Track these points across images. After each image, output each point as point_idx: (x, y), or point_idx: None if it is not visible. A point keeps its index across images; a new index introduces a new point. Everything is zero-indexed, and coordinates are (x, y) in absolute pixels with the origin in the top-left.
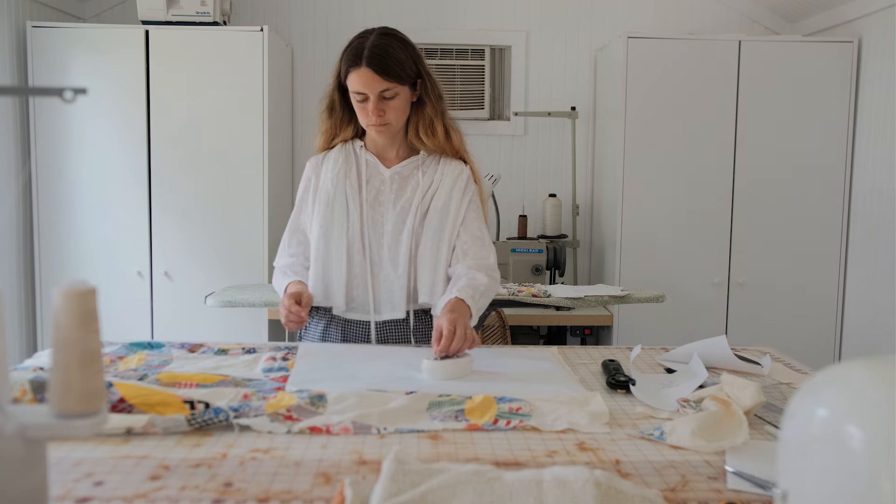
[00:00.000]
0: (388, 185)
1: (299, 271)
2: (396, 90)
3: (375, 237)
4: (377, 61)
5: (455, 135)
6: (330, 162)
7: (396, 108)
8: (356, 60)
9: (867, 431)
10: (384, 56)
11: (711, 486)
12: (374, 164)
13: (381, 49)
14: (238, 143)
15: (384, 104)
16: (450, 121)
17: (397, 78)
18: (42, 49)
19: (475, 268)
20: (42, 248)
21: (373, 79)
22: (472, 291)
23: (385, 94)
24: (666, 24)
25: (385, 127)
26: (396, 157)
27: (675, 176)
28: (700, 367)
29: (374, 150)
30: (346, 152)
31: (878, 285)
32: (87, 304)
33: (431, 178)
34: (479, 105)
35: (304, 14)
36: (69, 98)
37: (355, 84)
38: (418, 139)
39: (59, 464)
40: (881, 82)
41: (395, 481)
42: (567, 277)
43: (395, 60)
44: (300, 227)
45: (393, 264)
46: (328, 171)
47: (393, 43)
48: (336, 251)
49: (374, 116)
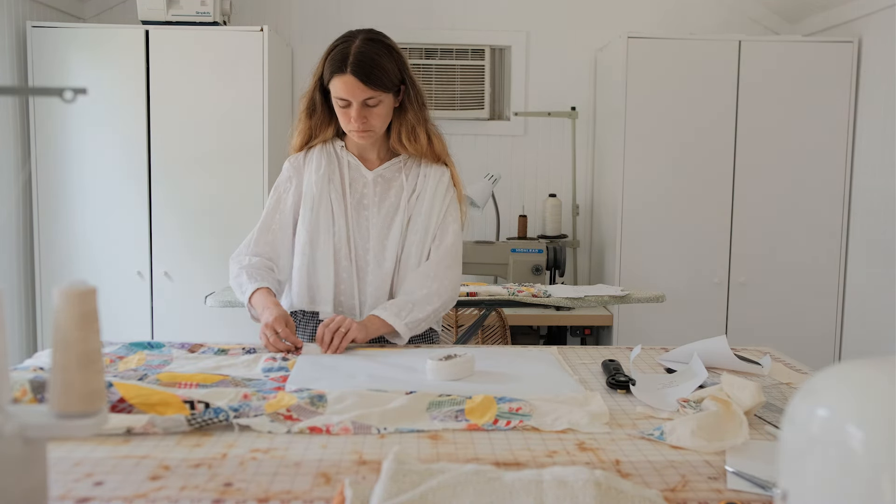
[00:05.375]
0: (372, 188)
1: (264, 275)
2: (380, 98)
3: (361, 241)
4: (362, 69)
5: (437, 140)
6: (312, 164)
7: (379, 115)
8: (340, 66)
9: (867, 431)
10: (370, 64)
11: (711, 486)
12: (356, 167)
13: (367, 56)
14: (238, 143)
15: (367, 111)
16: (432, 126)
17: (382, 86)
18: (42, 49)
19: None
20: (42, 248)
21: (357, 87)
22: (396, 309)
23: (369, 101)
24: (666, 24)
25: (368, 133)
26: (378, 158)
27: (675, 176)
28: (700, 367)
29: (355, 151)
30: (327, 154)
31: (878, 285)
32: (87, 304)
33: (415, 182)
34: (479, 105)
35: (304, 14)
36: (69, 98)
37: (339, 90)
38: (401, 144)
39: (59, 464)
40: (881, 82)
41: (396, 481)
42: (567, 277)
43: (380, 69)
44: (272, 227)
45: (379, 269)
46: (311, 173)
47: (379, 50)
48: (323, 257)
49: (357, 123)
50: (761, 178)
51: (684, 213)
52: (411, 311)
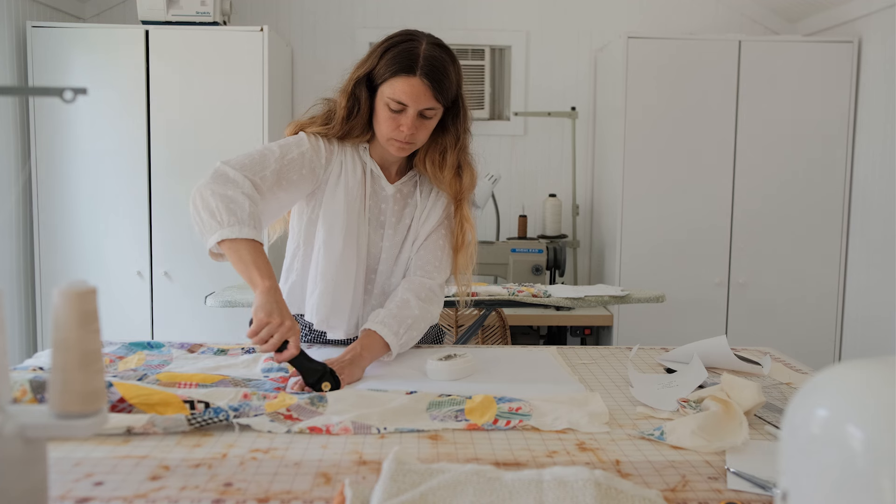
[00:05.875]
0: (391, 204)
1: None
2: (437, 111)
3: (371, 263)
4: (434, 75)
5: (468, 174)
6: (338, 166)
7: (428, 129)
8: (409, 67)
9: (867, 431)
10: (441, 71)
11: (711, 486)
12: (377, 178)
13: (438, 62)
14: (238, 142)
15: (419, 122)
16: (469, 157)
17: (445, 98)
18: (42, 49)
19: (415, 291)
20: (42, 248)
21: (424, 93)
22: (397, 326)
23: (426, 112)
24: (666, 24)
25: (409, 146)
26: (398, 172)
27: (675, 176)
28: (700, 367)
29: (378, 158)
30: (352, 160)
31: (878, 285)
32: (87, 304)
33: (426, 202)
34: (479, 105)
35: (304, 14)
36: (69, 98)
37: (400, 93)
38: (423, 165)
39: (59, 464)
40: (881, 82)
41: (396, 481)
42: (567, 277)
43: (448, 79)
44: (273, 168)
45: (384, 293)
46: (340, 183)
47: (447, 58)
48: (345, 282)
49: (407, 132)
50: (761, 178)
51: (684, 213)
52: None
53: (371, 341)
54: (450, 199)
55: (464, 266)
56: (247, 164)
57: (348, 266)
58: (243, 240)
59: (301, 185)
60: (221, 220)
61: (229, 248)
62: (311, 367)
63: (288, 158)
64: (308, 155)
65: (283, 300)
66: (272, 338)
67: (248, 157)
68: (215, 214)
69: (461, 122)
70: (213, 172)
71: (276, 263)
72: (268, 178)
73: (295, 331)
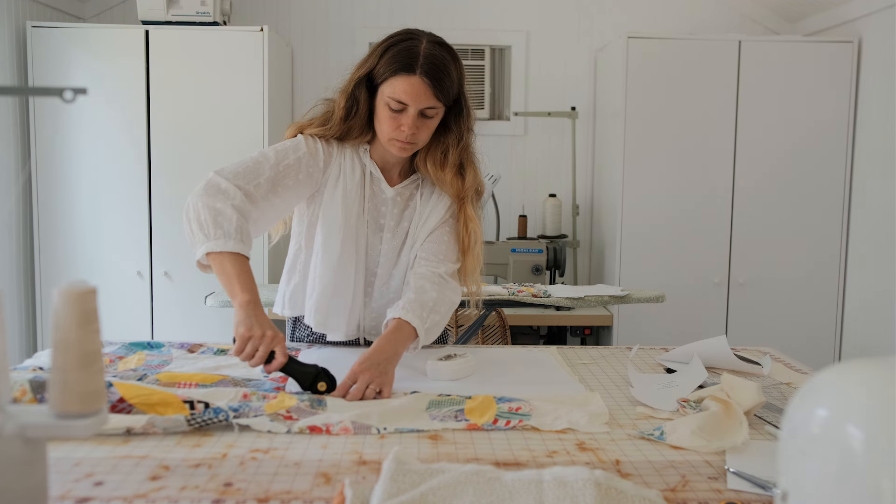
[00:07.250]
0: (390, 207)
1: (247, 235)
2: (438, 110)
3: (371, 265)
4: (434, 73)
5: (471, 173)
6: (336, 168)
7: (430, 129)
8: (409, 66)
9: (867, 431)
10: (442, 69)
11: (711, 486)
12: (378, 180)
13: (439, 61)
14: (238, 143)
15: (420, 121)
16: (472, 155)
17: (446, 97)
18: (42, 49)
19: (427, 277)
20: (42, 248)
21: (424, 92)
22: (419, 309)
23: (427, 111)
24: (666, 24)
25: (410, 146)
26: (399, 174)
27: (675, 176)
28: (700, 367)
29: (379, 160)
30: (351, 162)
31: (878, 285)
32: (87, 304)
33: (426, 206)
34: (479, 105)
35: (304, 14)
36: (69, 98)
37: (400, 92)
38: (424, 165)
39: (59, 464)
40: (881, 82)
41: (396, 481)
42: (567, 277)
43: (449, 77)
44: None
45: (384, 295)
46: (338, 186)
47: (447, 56)
48: (343, 284)
49: (408, 132)
50: (761, 177)
51: (684, 213)
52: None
53: (399, 333)
54: (452, 200)
55: (472, 268)
56: (241, 172)
57: (346, 268)
58: (228, 253)
59: (298, 190)
60: (208, 233)
61: (214, 261)
62: (303, 371)
63: (284, 164)
64: (305, 160)
65: (262, 312)
66: (258, 351)
67: (242, 165)
68: (203, 227)
69: (464, 120)
70: (206, 183)
71: (279, 264)
72: (262, 186)
73: (279, 339)
